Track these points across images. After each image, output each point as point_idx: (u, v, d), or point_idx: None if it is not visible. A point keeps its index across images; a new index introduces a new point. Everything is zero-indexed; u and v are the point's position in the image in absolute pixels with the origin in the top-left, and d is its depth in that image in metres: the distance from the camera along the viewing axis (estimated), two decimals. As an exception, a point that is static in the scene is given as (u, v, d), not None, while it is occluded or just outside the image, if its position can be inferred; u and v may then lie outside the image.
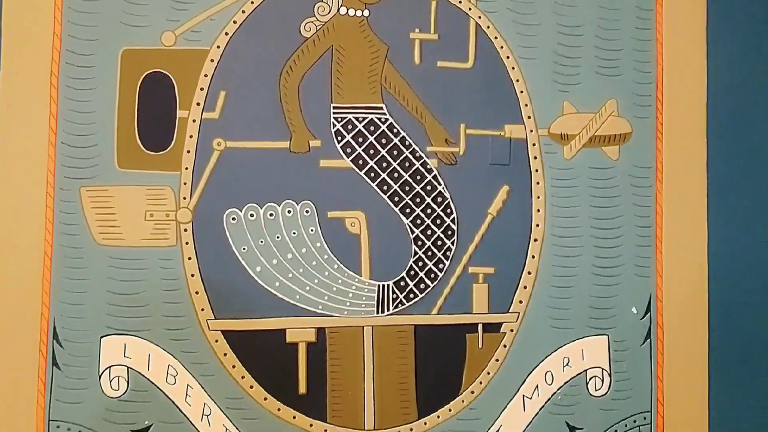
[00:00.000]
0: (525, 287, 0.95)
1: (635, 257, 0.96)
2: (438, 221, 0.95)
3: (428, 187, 0.95)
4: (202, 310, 0.92)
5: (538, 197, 0.96)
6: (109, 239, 0.91)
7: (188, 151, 0.92)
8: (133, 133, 0.92)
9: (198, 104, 0.93)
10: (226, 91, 0.93)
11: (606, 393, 0.96)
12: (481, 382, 0.95)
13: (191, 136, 0.93)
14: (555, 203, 0.96)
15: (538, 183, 0.96)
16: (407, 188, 0.95)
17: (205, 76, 0.93)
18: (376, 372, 0.94)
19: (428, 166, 0.95)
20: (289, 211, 0.94)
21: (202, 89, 0.93)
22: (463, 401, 0.94)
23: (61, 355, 0.89)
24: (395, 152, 0.95)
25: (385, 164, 0.95)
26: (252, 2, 0.94)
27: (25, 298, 0.89)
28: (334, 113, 0.94)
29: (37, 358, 0.89)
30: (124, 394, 0.90)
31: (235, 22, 0.94)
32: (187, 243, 0.92)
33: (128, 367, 0.90)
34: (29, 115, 0.90)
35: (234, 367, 0.92)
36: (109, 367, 0.90)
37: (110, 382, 0.90)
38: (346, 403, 0.93)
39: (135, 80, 0.92)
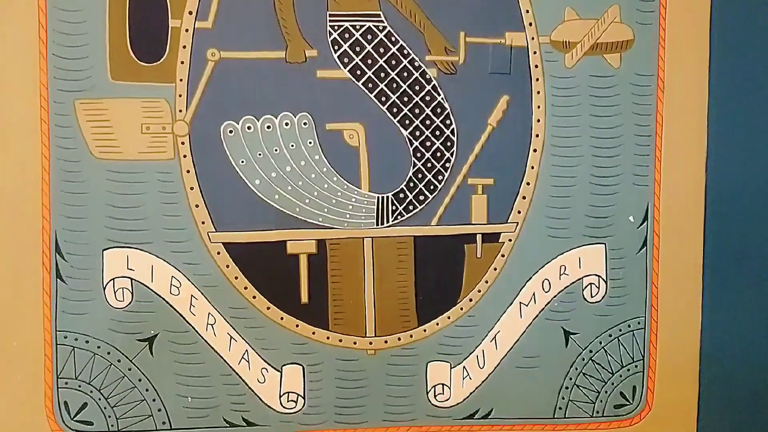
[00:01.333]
0: (524, 197, 0.96)
1: (634, 166, 0.96)
2: (437, 132, 0.94)
3: (427, 98, 0.94)
4: (203, 223, 0.92)
5: (539, 107, 0.95)
6: (107, 153, 0.90)
7: (182, 62, 0.90)
8: (125, 43, 0.89)
9: (190, 13, 0.90)
10: (218, -2, 0.91)
11: (601, 299, 0.98)
12: (479, 291, 0.97)
13: (184, 47, 0.90)
14: (555, 113, 0.95)
15: (538, 92, 0.95)
16: (406, 99, 0.94)
17: (197, -18, 0.90)
18: (377, 282, 0.95)
19: (427, 76, 0.93)
20: (286, 124, 0.93)
21: (194, -3, 0.90)
22: (461, 309, 0.97)
23: (65, 267, 0.90)
24: (393, 62, 0.93)
25: (383, 74, 0.93)
26: None
27: (25, 212, 0.89)
28: (330, 21, 0.92)
29: (41, 271, 0.90)
30: (128, 305, 0.92)
31: (226, -76, 0.90)
32: (185, 156, 0.91)
33: (132, 279, 0.92)
34: (18, 26, 0.88)
35: (236, 278, 0.93)
36: (113, 279, 0.91)
37: (114, 293, 0.92)
38: (348, 312, 0.95)
39: (124, -13, 0.89)
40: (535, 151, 0.95)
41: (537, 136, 0.95)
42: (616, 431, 1.00)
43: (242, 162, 0.92)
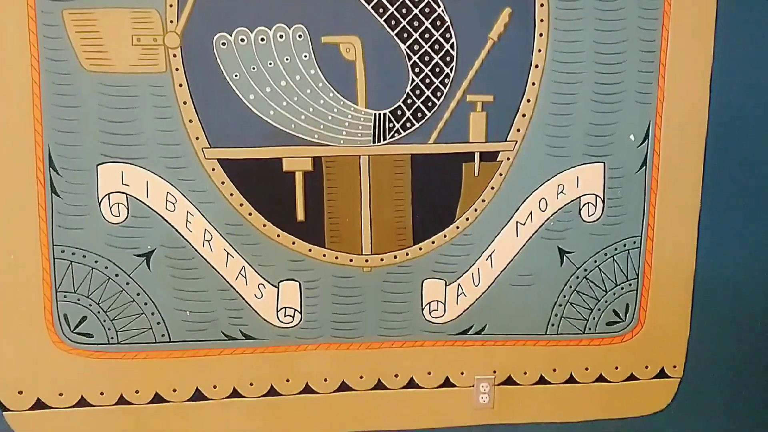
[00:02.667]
0: (524, 115, 0.94)
1: (637, 83, 0.94)
2: (436, 47, 0.92)
3: (426, 10, 0.91)
4: (197, 138, 0.91)
5: (541, 20, 0.92)
6: (97, 65, 0.88)
7: (172, -30, 0.87)
8: (112, -51, 0.86)
9: None
10: None
11: (598, 218, 0.98)
12: (476, 210, 0.96)
13: (174, -47, 0.87)
14: (558, 27, 0.92)
15: (542, 5, 0.91)
16: (404, 11, 0.90)
17: None
18: (373, 200, 0.95)
19: (427, -14, 0.90)
20: (281, 36, 0.90)
21: None
22: (457, 227, 0.96)
23: (59, 182, 0.90)
24: (392, -29, 0.90)
25: (381, -16, 0.90)
26: None
27: (17, 126, 0.88)
28: (326, -73, 0.88)
29: (35, 185, 0.89)
30: (125, 220, 0.92)
31: None
32: (177, 69, 0.89)
33: (127, 194, 0.91)
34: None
35: (232, 195, 0.93)
36: (108, 194, 0.91)
37: (110, 208, 0.91)
38: (344, 229, 0.95)
39: None
40: (536, 66, 0.93)
41: (539, 51, 0.93)
42: (608, 348, 1.02)
43: (236, 76, 0.90)
